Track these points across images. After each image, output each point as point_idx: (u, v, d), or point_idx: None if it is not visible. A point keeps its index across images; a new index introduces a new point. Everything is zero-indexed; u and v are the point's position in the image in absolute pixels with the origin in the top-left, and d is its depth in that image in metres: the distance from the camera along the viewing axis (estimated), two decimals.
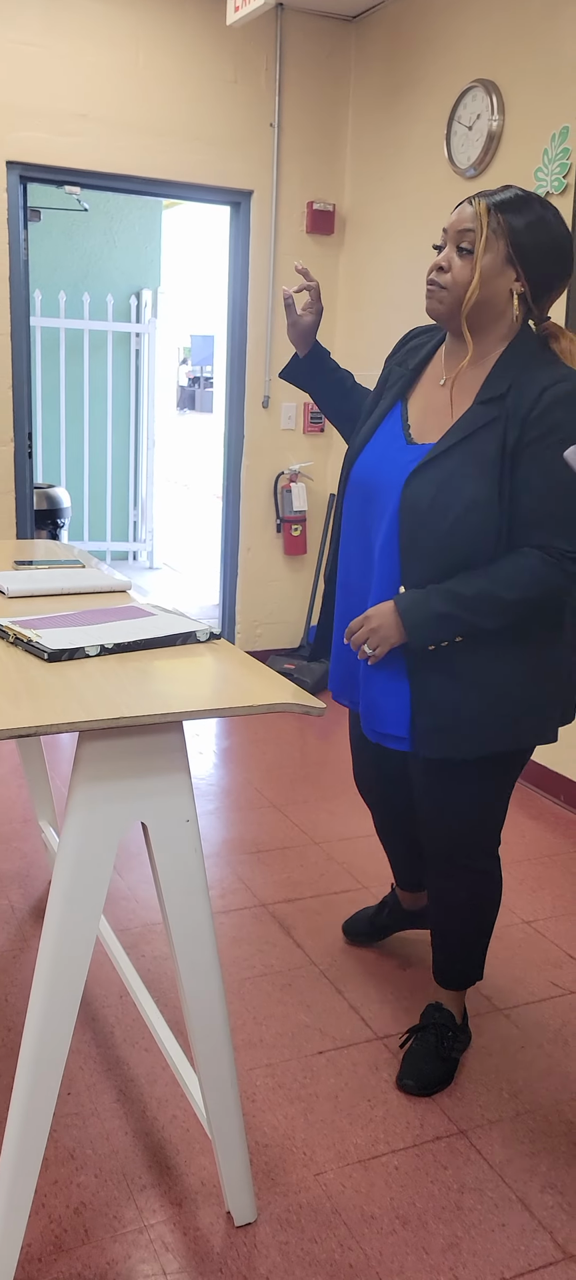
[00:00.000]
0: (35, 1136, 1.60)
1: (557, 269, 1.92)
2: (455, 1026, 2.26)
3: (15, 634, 1.75)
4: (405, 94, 4.55)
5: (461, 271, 1.89)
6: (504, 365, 1.91)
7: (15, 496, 4.70)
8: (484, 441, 1.87)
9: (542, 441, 1.82)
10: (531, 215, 1.87)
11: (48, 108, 4.39)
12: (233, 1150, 1.79)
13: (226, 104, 4.73)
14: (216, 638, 1.88)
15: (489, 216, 1.86)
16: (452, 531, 1.88)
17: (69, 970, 1.56)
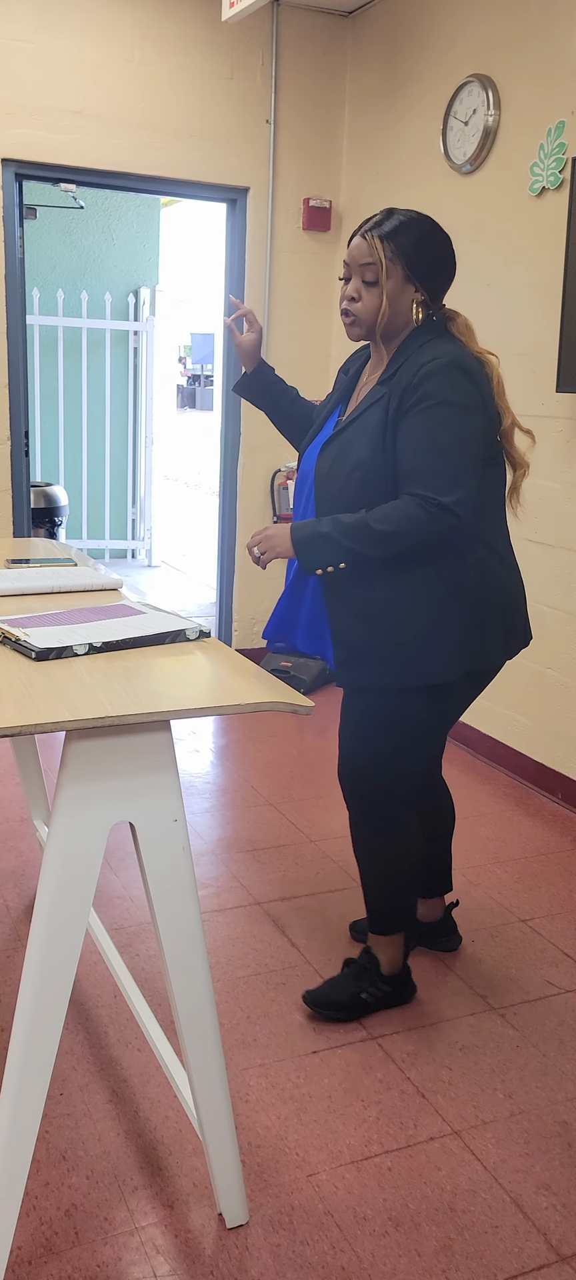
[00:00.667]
0: (24, 1137, 1.59)
1: (446, 270, 2.24)
2: (376, 973, 2.42)
3: (3, 633, 1.73)
4: (401, 90, 4.54)
5: (370, 300, 2.19)
6: (400, 352, 2.21)
7: (12, 495, 4.69)
8: (373, 413, 2.18)
9: (416, 407, 2.10)
10: (418, 234, 2.18)
11: (43, 104, 4.38)
12: (224, 1151, 1.78)
13: (222, 100, 4.71)
14: (206, 636, 1.87)
15: (384, 247, 2.15)
16: (343, 490, 2.19)
17: (57, 970, 1.55)
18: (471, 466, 2.11)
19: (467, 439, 2.10)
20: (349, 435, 2.22)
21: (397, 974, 2.45)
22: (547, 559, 3.76)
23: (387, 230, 2.16)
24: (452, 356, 2.13)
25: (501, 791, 3.86)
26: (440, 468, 2.08)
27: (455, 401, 2.09)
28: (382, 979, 2.43)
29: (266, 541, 2.19)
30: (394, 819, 2.36)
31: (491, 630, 2.26)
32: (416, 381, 2.11)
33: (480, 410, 2.14)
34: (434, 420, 2.09)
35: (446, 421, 2.08)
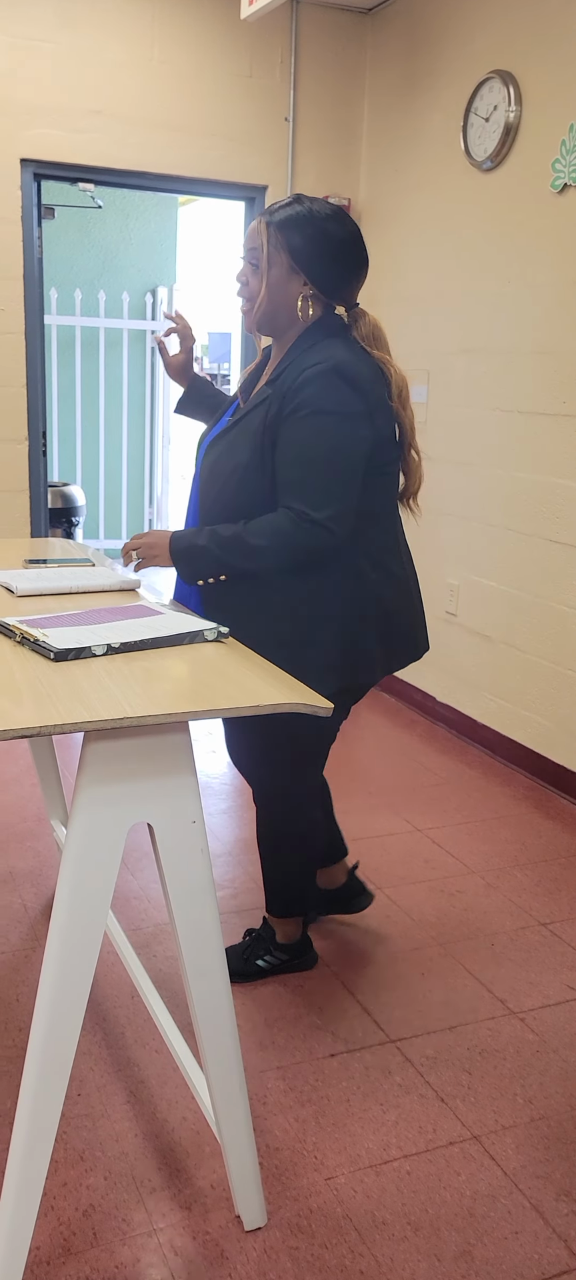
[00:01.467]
0: (43, 1137, 1.59)
1: (342, 266, 2.12)
2: (272, 943, 2.54)
3: (22, 633, 1.73)
4: (421, 86, 4.52)
5: (255, 284, 2.15)
6: (289, 352, 2.14)
7: (30, 495, 4.70)
8: (255, 415, 2.12)
9: (293, 416, 2.03)
10: (308, 226, 2.08)
11: (62, 104, 4.39)
12: (241, 1153, 1.77)
13: (241, 98, 4.71)
14: (224, 637, 1.87)
15: (268, 233, 2.10)
16: (222, 491, 2.15)
17: (75, 970, 1.54)
18: (348, 480, 2.03)
19: (344, 451, 2.02)
20: (233, 436, 2.16)
21: (294, 943, 2.56)
22: (568, 559, 3.73)
23: (278, 218, 2.09)
24: (336, 362, 2.03)
25: (521, 794, 3.84)
26: (312, 482, 2.01)
27: (332, 410, 2.00)
28: (278, 947, 2.55)
29: (146, 549, 2.14)
30: (291, 818, 2.42)
31: (368, 645, 2.19)
32: (296, 387, 2.03)
33: (362, 419, 2.04)
34: (309, 430, 2.01)
35: (322, 432, 2.00)
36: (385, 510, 2.21)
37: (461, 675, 4.44)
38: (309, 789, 2.42)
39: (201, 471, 2.23)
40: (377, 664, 2.22)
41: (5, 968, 2.55)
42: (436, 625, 4.61)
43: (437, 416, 4.51)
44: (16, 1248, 1.62)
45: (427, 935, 2.80)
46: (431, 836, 3.42)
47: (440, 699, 4.61)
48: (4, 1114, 2.06)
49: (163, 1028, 2.06)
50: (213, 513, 2.18)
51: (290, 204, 2.11)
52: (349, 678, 2.19)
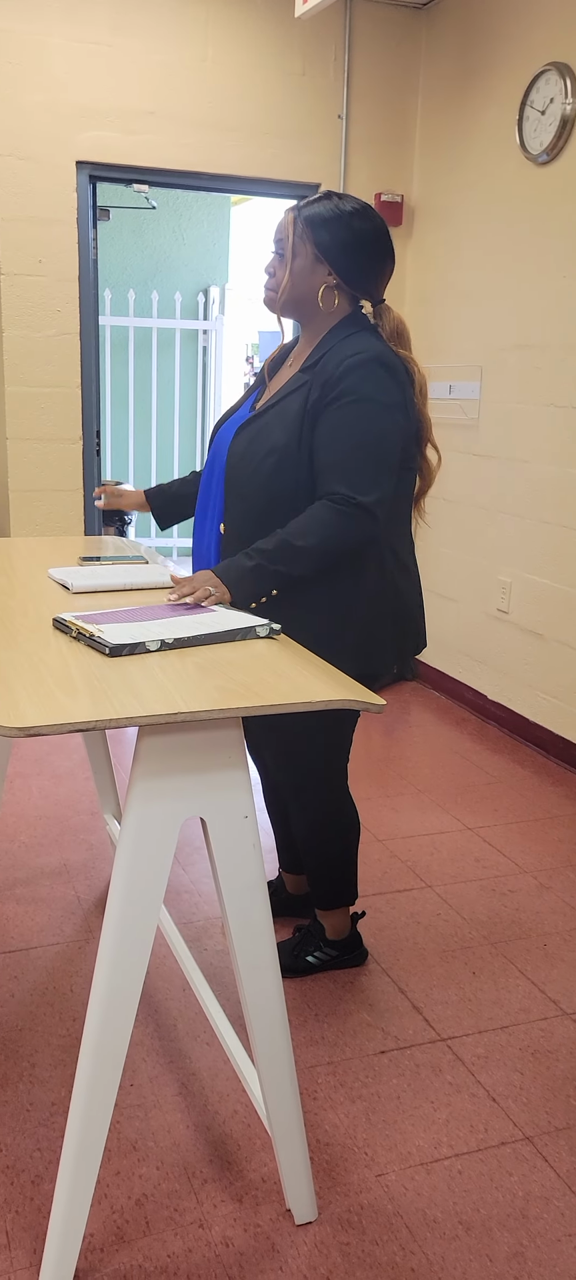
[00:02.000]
0: (96, 1126, 1.61)
1: (368, 260, 2.18)
2: (321, 939, 2.56)
3: (78, 629, 1.76)
4: (475, 80, 4.48)
5: (281, 272, 2.21)
6: (323, 342, 2.19)
7: (83, 493, 4.76)
8: (291, 402, 2.15)
9: (337, 401, 2.07)
10: (333, 218, 2.14)
11: (116, 107, 4.43)
12: (292, 1148, 1.78)
13: (294, 97, 4.71)
14: (276, 633, 1.87)
15: (294, 225, 2.17)
16: (255, 475, 2.15)
17: (129, 962, 1.57)
18: (388, 467, 2.08)
19: (387, 438, 2.07)
20: (266, 420, 2.18)
21: (343, 939, 2.58)
22: None
23: (306, 211, 2.17)
24: (377, 352, 2.09)
25: (575, 793, 3.79)
26: (359, 465, 2.05)
27: (377, 398, 2.06)
28: (328, 944, 2.57)
29: (202, 591, 2.02)
30: (335, 805, 2.44)
31: (388, 637, 2.25)
32: (338, 375, 2.07)
33: (401, 410, 2.11)
34: (355, 416, 2.06)
35: (367, 418, 2.05)
36: (406, 507, 2.27)
37: (513, 673, 4.40)
38: (341, 775, 2.44)
39: (230, 456, 2.22)
40: (392, 655, 2.29)
41: (60, 959, 2.59)
42: (487, 623, 4.57)
43: (490, 413, 4.47)
44: (71, 1234, 1.65)
45: (479, 934, 2.78)
46: (482, 835, 3.40)
47: (492, 697, 4.57)
48: (59, 1103, 2.09)
49: (214, 1021, 2.08)
50: (245, 497, 2.18)
51: (319, 199, 2.19)
52: (363, 666, 2.23)
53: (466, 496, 4.69)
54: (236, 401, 2.41)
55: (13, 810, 3.45)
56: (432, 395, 4.92)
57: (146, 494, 2.62)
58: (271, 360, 2.42)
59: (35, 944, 2.65)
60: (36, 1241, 1.76)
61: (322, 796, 2.42)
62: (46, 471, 4.68)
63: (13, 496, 4.65)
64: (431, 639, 5.08)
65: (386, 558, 2.22)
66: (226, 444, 2.29)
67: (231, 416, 2.36)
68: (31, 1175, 1.90)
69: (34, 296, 4.50)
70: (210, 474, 2.35)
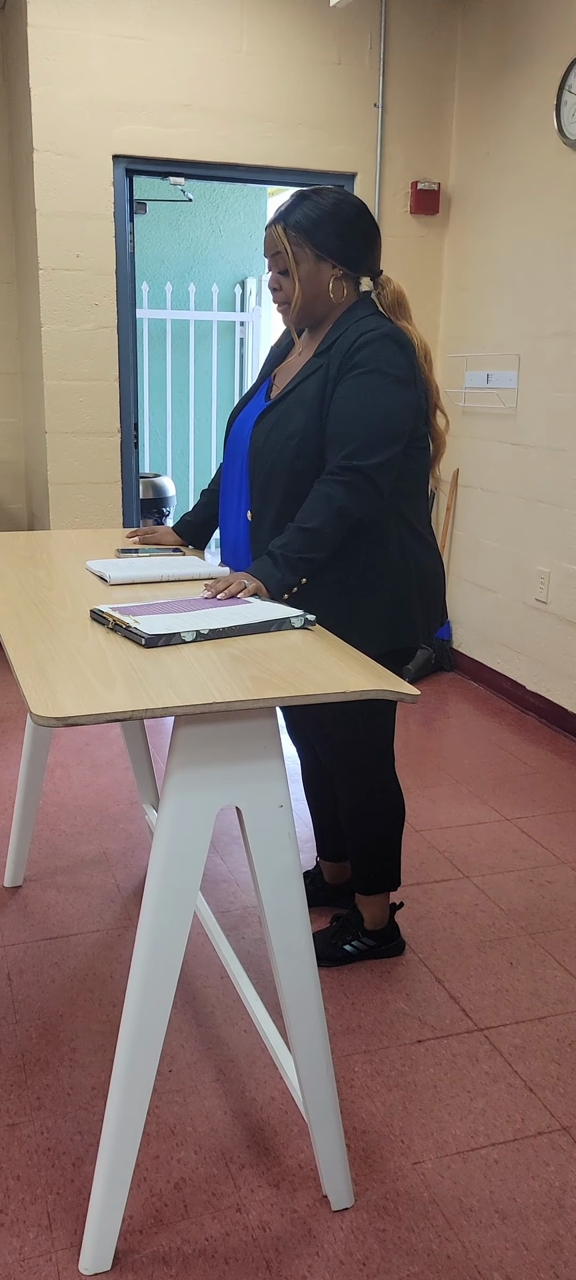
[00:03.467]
0: (135, 1110, 1.64)
1: (362, 240, 2.22)
2: (359, 927, 2.57)
3: (114, 620, 1.78)
4: (513, 66, 4.44)
5: (288, 287, 2.24)
6: (336, 325, 2.23)
7: (122, 486, 4.80)
8: (310, 385, 2.19)
9: (349, 374, 2.12)
10: (320, 214, 2.17)
11: (153, 100, 4.45)
12: (329, 1134, 1.79)
13: (330, 86, 4.70)
14: (311, 624, 1.88)
15: (287, 235, 2.19)
16: (278, 460, 2.18)
17: (166, 949, 1.59)
18: (395, 438, 2.12)
19: (395, 411, 2.12)
20: (285, 406, 2.22)
21: (381, 929, 2.58)
22: None
23: (289, 218, 2.19)
24: (389, 330, 2.15)
25: None
26: (360, 433, 2.09)
27: (387, 372, 2.11)
28: (366, 933, 2.57)
29: (236, 585, 2.01)
30: (384, 789, 2.45)
31: (414, 611, 2.29)
32: (354, 349, 2.13)
33: (411, 385, 2.15)
34: (363, 386, 2.10)
35: (375, 390, 2.10)
36: (423, 481, 2.31)
37: (552, 664, 4.37)
38: (386, 757, 2.45)
39: (252, 444, 2.26)
40: (422, 629, 2.32)
41: (99, 945, 2.63)
42: (525, 613, 4.54)
43: (529, 401, 4.44)
44: (110, 1216, 1.68)
45: (516, 925, 2.77)
46: (520, 826, 3.39)
47: (530, 687, 4.54)
48: (99, 1087, 2.12)
49: (251, 1008, 2.10)
50: (269, 482, 2.21)
51: (297, 202, 2.21)
52: (397, 640, 2.27)
53: (504, 486, 4.66)
54: (247, 393, 2.45)
55: (53, 799, 3.50)
56: (470, 384, 4.89)
57: (175, 529, 2.70)
58: (276, 349, 2.48)
59: (75, 931, 2.69)
60: (77, 1223, 1.79)
61: (373, 779, 2.43)
62: (85, 465, 4.72)
63: (52, 489, 4.70)
64: (470, 629, 5.06)
65: (404, 533, 2.26)
66: (245, 434, 2.32)
67: (245, 407, 2.40)
68: (72, 1158, 1.94)
69: (72, 291, 4.54)
70: (231, 465, 2.38)
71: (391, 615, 2.25)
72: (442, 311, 5.11)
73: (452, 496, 5.08)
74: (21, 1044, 2.25)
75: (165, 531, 2.71)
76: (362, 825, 2.47)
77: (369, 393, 2.10)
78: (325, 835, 2.76)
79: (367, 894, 2.55)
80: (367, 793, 2.44)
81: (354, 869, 2.54)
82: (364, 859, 2.51)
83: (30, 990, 2.44)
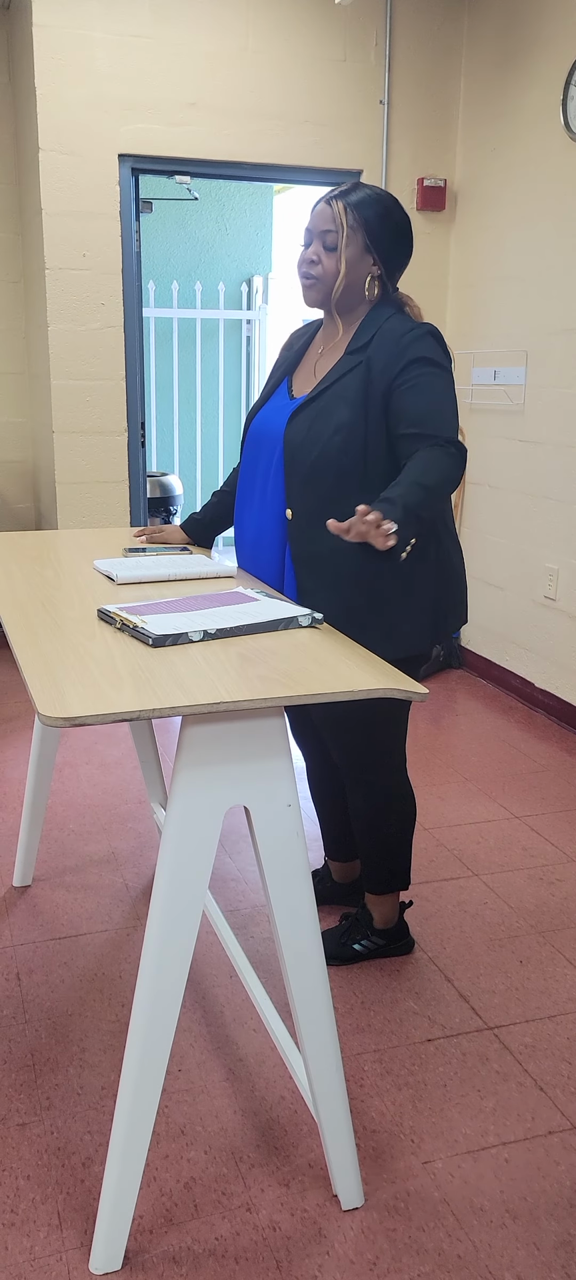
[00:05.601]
0: (145, 1110, 1.64)
1: (404, 249, 2.27)
2: (368, 926, 2.58)
3: (122, 620, 1.78)
4: (518, 61, 4.43)
5: (329, 264, 2.21)
6: (367, 323, 2.23)
7: (129, 485, 4.80)
8: (349, 382, 2.18)
9: (409, 371, 2.12)
10: (380, 209, 2.20)
11: (158, 99, 4.45)
12: (339, 1134, 1.79)
13: (336, 84, 4.69)
14: (319, 623, 1.88)
15: (347, 215, 2.18)
16: (323, 454, 2.17)
17: (175, 948, 1.58)
18: (457, 421, 2.16)
19: (452, 398, 2.16)
20: (325, 402, 2.20)
21: (391, 928, 2.59)
22: None
23: (353, 199, 2.20)
24: (430, 328, 2.19)
25: None
26: (448, 416, 2.11)
27: (443, 364, 2.16)
28: (375, 932, 2.58)
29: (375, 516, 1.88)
30: (396, 787, 2.45)
31: (450, 604, 2.32)
32: (403, 348, 2.14)
33: (452, 377, 2.20)
34: (433, 376, 2.13)
35: (439, 378, 2.13)
36: None
37: (561, 661, 4.36)
38: (402, 756, 2.45)
39: (289, 441, 2.22)
40: (455, 621, 2.35)
41: (108, 945, 2.63)
42: (533, 610, 4.53)
43: (537, 398, 4.43)
44: (120, 1216, 1.68)
45: (526, 923, 2.76)
46: (530, 824, 3.38)
47: (539, 685, 4.53)
48: (108, 1087, 2.12)
49: (260, 1008, 2.10)
50: (311, 478, 2.19)
51: (359, 187, 2.22)
52: (440, 634, 2.30)
53: (512, 483, 4.65)
54: (265, 391, 2.43)
55: (62, 799, 3.50)
56: (477, 381, 4.88)
57: (183, 528, 2.72)
58: (288, 348, 2.47)
59: (84, 930, 2.69)
60: (87, 1222, 1.79)
61: (386, 780, 2.43)
62: (92, 464, 4.72)
63: (60, 489, 4.70)
64: (478, 627, 5.05)
65: (442, 533, 2.29)
66: (273, 431, 2.30)
67: (264, 407, 2.39)
68: (82, 1157, 1.94)
69: (78, 290, 4.54)
70: (253, 463, 2.36)
71: (436, 610, 2.28)
72: (449, 308, 5.10)
73: (460, 493, 5.07)
74: (31, 1044, 2.25)
75: (173, 530, 2.72)
76: (374, 826, 2.46)
77: (435, 380, 2.12)
78: (333, 835, 2.76)
79: (378, 894, 2.54)
80: (380, 794, 2.44)
81: (364, 868, 2.54)
82: (374, 859, 2.50)
83: (40, 990, 2.44)
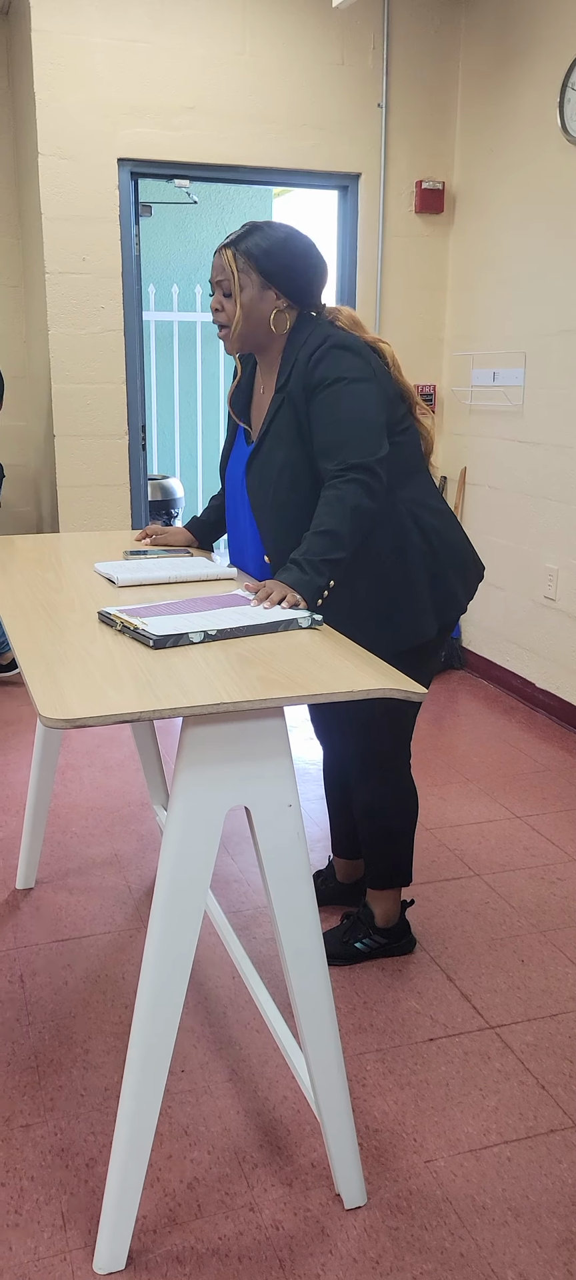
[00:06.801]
0: (148, 1111, 1.64)
1: (307, 273, 2.25)
2: (370, 924, 2.59)
3: (122, 622, 1.79)
4: (516, 64, 4.44)
5: (231, 309, 2.26)
6: (287, 356, 2.27)
7: (130, 488, 4.81)
8: (281, 421, 2.23)
9: (315, 395, 2.17)
10: (268, 243, 2.21)
11: (157, 103, 4.46)
12: (341, 1134, 1.80)
13: (334, 87, 4.70)
14: (319, 624, 1.89)
15: (235, 259, 2.22)
16: (275, 497, 2.24)
17: (176, 949, 1.59)
18: (378, 430, 2.16)
19: (367, 406, 2.15)
20: (267, 447, 2.26)
21: (392, 926, 2.60)
22: None
23: (243, 245, 2.22)
24: (334, 340, 2.19)
25: None
26: (350, 435, 2.13)
27: (344, 376, 2.16)
28: (377, 931, 2.59)
29: (276, 593, 2.00)
30: (399, 784, 2.47)
31: (450, 579, 2.32)
32: (309, 370, 2.18)
33: (370, 380, 2.18)
34: (332, 397, 2.15)
35: (343, 395, 2.15)
36: (416, 463, 2.34)
37: (562, 661, 4.36)
38: (407, 750, 2.47)
39: (250, 492, 2.31)
40: (463, 592, 2.35)
41: (111, 947, 2.63)
42: (534, 610, 4.54)
43: (536, 399, 4.43)
44: (124, 1216, 1.68)
45: (527, 922, 2.77)
46: (531, 824, 3.38)
47: (540, 685, 4.54)
48: (111, 1088, 2.13)
49: (263, 1008, 2.10)
50: (275, 521, 2.26)
51: (248, 231, 2.24)
52: (446, 614, 2.32)
53: (512, 484, 4.65)
54: (228, 439, 2.50)
55: (64, 801, 3.51)
56: (476, 382, 4.89)
57: (187, 527, 2.74)
58: (234, 397, 2.48)
59: (87, 932, 2.70)
60: (91, 1223, 1.80)
61: (390, 778, 2.45)
62: (93, 467, 4.73)
63: (61, 492, 4.71)
64: (479, 627, 5.05)
65: (418, 513, 2.29)
66: (240, 481, 2.39)
67: (231, 455, 2.47)
68: (85, 1158, 1.94)
69: (78, 294, 4.55)
70: (234, 512, 2.44)
71: (435, 593, 2.30)
72: (448, 310, 5.11)
73: (460, 494, 5.08)
74: (35, 1045, 2.26)
75: (177, 531, 2.73)
76: (377, 821, 2.48)
77: (339, 400, 2.14)
78: (342, 830, 2.78)
79: (379, 889, 2.56)
80: (384, 790, 2.46)
81: (366, 863, 2.56)
82: (377, 854, 2.52)
83: (43, 992, 2.45)
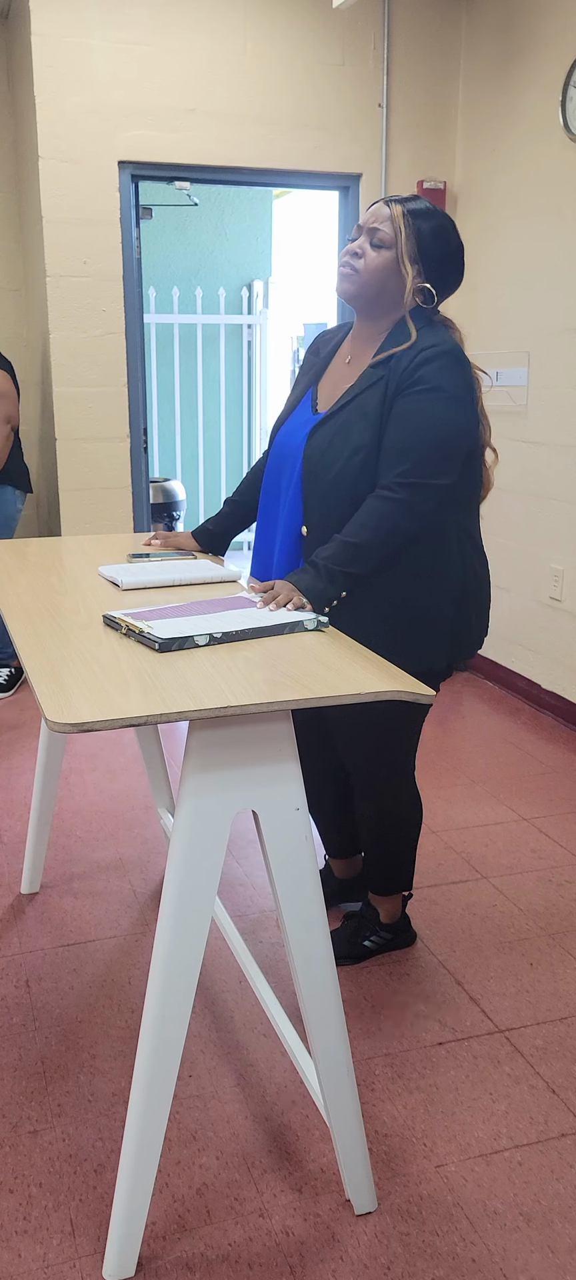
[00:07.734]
0: (156, 1116, 1.63)
1: (452, 273, 2.25)
2: (377, 923, 2.59)
3: (127, 626, 1.77)
4: (517, 62, 4.43)
5: (372, 260, 2.18)
6: (394, 335, 2.20)
7: (132, 491, 4.80)
8: (369, 397, 2.15)
9: (410, 390, 2.10)
10: (435, 223, 2.19)
11: (157, 105, 4.45)
12: (351, 1139, 1.78)
13: (334, 87, 4.69)
14: (324, 626, 1.87)
15: (403, 218, 2.17)
16: (340, 474, 2.16)
17: (185, 953, 1.58)
18: (453, 457, 2.12)
19: (455, 429, 2.11)
20: (345, 418, 2.18)
21: (396, 922, 2.61)
22: None
23: (410, 207, 2.18)
24: (451, 345, 2.14)
25: None
26: (421, 450, 2.08)
27: (447, 389, 2.10)
28: (383, 927, 2.60)
29: (283, 595, 2.01)
30: (404, 793, 2.46)
31: (473, 621, 2.29)
32: (415, 364, 2.11)
33: (471, 404, 2.15)
34: (424, 403, 2.09)
35: (436, 407, 2.09)
36: (477, 496, 2.29)
37: (567, 662, 4.35)
38: (412, 760, 2.45)
39: (308, 457, 2.22)
40: (477, 639, 2.33)
41: (117, 951, 2.62)
42: (539, 611, 4.52)
43: (539, 398, 4.42)
44: (133, 1222, 1.67)
45: (536, 925, 2.75)
46: (538, 826, 3.37)
47: (545, 686, 4.52)
48: (119, 1093, 2.12)
49: (270, 1012, 2.09)
50: (328, 496, 2.18)
51: (419, 202, 2.20)
52: (460, 653, 2.29)
53: (516, 484, 4.64)
54: (291, 400, 2.41)
55: (69, 806, 3.50)
56: None
57: (194, 535, 2.70)
58: (314, 352, 2.43)
59: (93, 937, 2.69)
60: (100, 1229, 1.79)
61: (396, 784, 2.43)
62: (95, 470, 4.73)
63: (63, 496, 4.71)
64: None
65: (466, 546, 2.25)
66: (295, 445, 2.28)
67: (289, 419, 2.36)
68: (94, 1164, 1.93)
69: (79, 297, 4.54)
70: (277, 476, 2.35)
71: (456, 628, 2.25)
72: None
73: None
74: (41, 1051, 2.25)
75: (184, 536, 2.71)
76: (383, 830, 2.46)
77: (430, 410, 2.08)
78: (333, 835, 2.75)
79: (383, 895, 2.55)
80: (389, 798, 2.44)
81: (370, 870, 2.54)
82: (381, 862, 2.51)
83: (49, 997, 2.44)
